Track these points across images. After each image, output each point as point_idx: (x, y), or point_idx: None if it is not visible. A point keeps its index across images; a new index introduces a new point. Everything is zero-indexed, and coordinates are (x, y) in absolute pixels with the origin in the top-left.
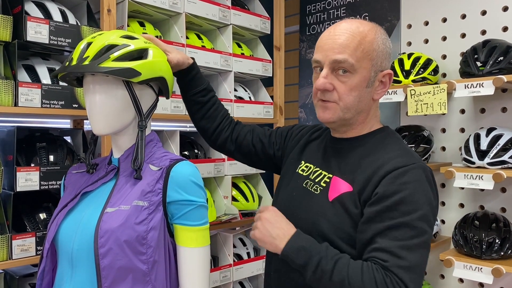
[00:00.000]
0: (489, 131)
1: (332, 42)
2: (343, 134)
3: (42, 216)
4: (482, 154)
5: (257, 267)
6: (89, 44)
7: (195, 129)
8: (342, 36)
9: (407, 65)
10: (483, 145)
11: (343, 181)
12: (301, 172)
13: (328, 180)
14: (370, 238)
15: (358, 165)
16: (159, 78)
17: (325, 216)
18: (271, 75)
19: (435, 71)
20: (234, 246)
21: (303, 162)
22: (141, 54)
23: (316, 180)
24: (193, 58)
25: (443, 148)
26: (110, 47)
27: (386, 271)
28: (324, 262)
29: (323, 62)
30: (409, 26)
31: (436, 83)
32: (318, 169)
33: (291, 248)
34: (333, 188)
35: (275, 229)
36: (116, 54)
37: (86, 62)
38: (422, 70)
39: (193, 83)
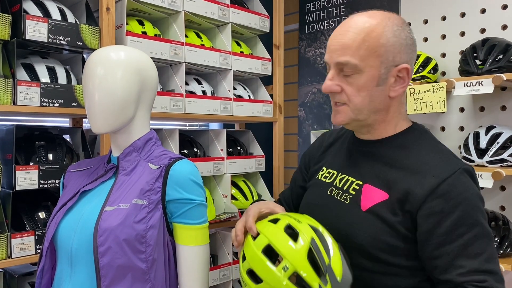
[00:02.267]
0: (489, 129)
1: (336, 43)
2: (367, 135)
3: (41, 214)
4: (481, 153)
5: None
6: None
7: (195, 127)
8: (346, 35)
9: None
10: (483, 144)
11: (376, 189)
12: (324, 179)
13: (357, 188)
14: (449, 262)
15: (393, 171)
16: None
17: (360, 228)
18: (270, 74)
19: (435, 69)
20: (233, 245)
21: (324, 168)
22: None
23: (344, 188)
24: None
25: None
26: None
27: None
28: None
29: (329, 63)
30: (409, 25)
31: (435, 82)
32: (344, 175)
33: None
34: (365, 197)
35: None
36: None
37: None
38: (421, 68)
39: None
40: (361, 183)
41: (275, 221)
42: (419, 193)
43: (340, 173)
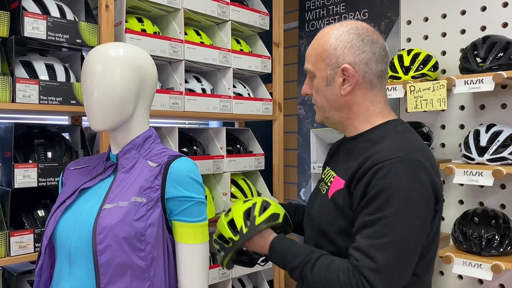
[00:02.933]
0: (489, 127)
1: (306, 53)
2: (346, 132)
3: (40, 212)
4: (481, 151)
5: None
6: None
7: (194, 125)
8: (309, 47)
9: (406, 61)
10: (483, 142)
11: (340, 178)
12: (322, 176)
13: (332, 179)
14: (353, 236)
15: (352, 161)
16: None
17: (324, 214)
18: (270, 72)
19: (435, 67)
20: None
21: (327, 167)
22: None
23: (326, 181)
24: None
25: (443, 145)
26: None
27: (355, 271)
28: (303, 264)
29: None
30: (409, 22)
31: (435, 79)
32: (329, 170)
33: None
34: (333, 186)
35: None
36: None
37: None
38: (421, 66)
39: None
40: (334, 175)
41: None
42: (356, 175)
43: (328, 168)
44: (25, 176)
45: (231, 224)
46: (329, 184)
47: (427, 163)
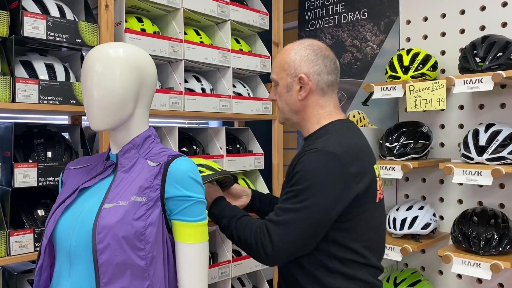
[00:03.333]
0: (488, 127)
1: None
2: (304, 133)
3: (40, 212)
4: (481, 150)
5: (256, 263)
6: None
7: (194, 125)
8: (275, 59)
9: (406, 61)
10: (482, 141)
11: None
12: None
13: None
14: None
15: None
16: None
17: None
18: (269, 71)
19: (434, 67)
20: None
21: None
22: None
23: None
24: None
25: (442, 144)
26: None
27: (263, 223)
28: (232, 221)
29: None
30: (408, 22)
31: (435, 79)
32: None
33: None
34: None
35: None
36: None
37: None
38: (421, 66)
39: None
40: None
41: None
42: (291, 166)
43: None
44: (25, 176)
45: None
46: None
47: (345, 154)
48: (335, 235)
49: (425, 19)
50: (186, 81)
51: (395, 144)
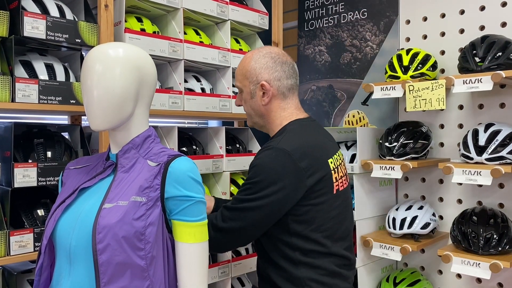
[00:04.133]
0: (487, 126)
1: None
2: (270, 134)
3: (40, 212)
4: (480, 150)
5: (256, 263)
6: None
7: (194, 125)
8: (237, 68)
9: (405, 61)
10: (481, 141)
11: None
12: None
13: None
14: None
15: None
16: None
17: None
18: None
19: (434, 66)
20: None
21: None
22: None
23: None
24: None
25: (442, 144)
26: None
27: (219, 211)
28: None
29: None
30: (408, 22)
31: (434, 79)
32: None
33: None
34: None
35: None
36: None
37: None
38: (420, 65)
39: None
40: None
41: None
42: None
43: None
44: (25, 176)
45: None
46: None
47: (296, 151)
48: (296, 227)
49: (425, 19)
50: (185, 81)
51: (395, 144)
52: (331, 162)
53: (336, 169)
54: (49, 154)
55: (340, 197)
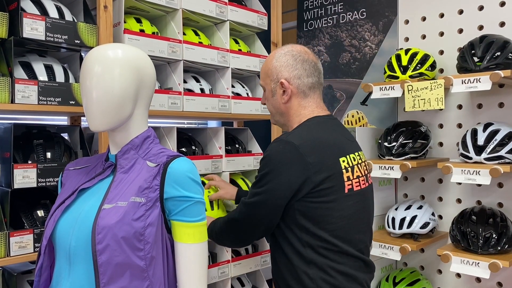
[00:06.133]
0: (486, 126)
1: None
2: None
3: (40, 213)
4: (479, 150)
5: (255, 263)
6: None
7: (193, 125)
8: (262, 67)
9: (404, 61)
10: (480, 141)
11: None
12: None
13: None
14: None
15: None
16: None
17: None
18: None
19: (433, 66)
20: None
21: None
22: None
23: None
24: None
25: (441, 144)
26: None
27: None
28: None
29: None
30: (407, 22)
31: (433, 79)
32: None
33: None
34: None
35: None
36: None
37: None
38: (419, 65)
39: None
40: None
41: None
42: None
43: None
44: (25, 177)
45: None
46: None
47: (304, 145)
48: (304, 223)
49: (424, 18)
50: (185, 82)
51: (394, 143)
52: (343, 161)
53: (350, 168)
54: (48, 155)
55: (354, 197)
